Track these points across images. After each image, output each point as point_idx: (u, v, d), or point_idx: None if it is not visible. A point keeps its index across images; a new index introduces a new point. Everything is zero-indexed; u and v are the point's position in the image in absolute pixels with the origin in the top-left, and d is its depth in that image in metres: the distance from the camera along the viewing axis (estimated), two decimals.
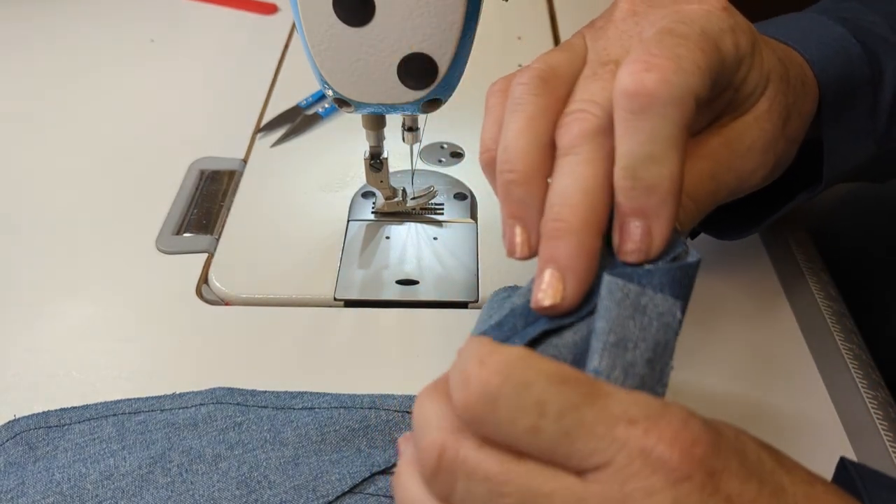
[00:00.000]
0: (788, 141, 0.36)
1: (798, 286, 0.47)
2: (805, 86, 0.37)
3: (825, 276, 0.49)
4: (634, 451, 0.23)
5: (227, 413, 0.38)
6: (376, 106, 0.42)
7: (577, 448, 0.23)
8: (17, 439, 0.37)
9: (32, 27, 0.73)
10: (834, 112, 0.38)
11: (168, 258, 0.49)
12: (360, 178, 0.54)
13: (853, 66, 0.38)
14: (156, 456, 0.36)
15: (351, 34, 0.39)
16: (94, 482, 0.35)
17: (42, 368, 0.42)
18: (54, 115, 0.62)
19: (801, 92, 0.36)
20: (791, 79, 0.35)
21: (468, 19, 0.39)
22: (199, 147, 0.58)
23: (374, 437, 0.37)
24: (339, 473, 0.36)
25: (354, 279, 0.47)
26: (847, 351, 0.43)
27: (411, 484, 0.27)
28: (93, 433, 0.38)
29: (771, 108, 0.34)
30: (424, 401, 0.27)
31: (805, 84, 0.37)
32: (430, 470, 0.25)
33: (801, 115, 0.36)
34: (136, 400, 0.39)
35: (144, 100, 0.63)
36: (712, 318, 0.45)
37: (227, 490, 0.35)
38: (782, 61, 0.35)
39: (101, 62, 0.68)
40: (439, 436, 0.25)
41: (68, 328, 0.44)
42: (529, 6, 0.76)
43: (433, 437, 0.25)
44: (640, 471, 0.23)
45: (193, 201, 0.53)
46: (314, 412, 0.38)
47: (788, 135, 0.36)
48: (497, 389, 0.24)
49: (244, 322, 0.44)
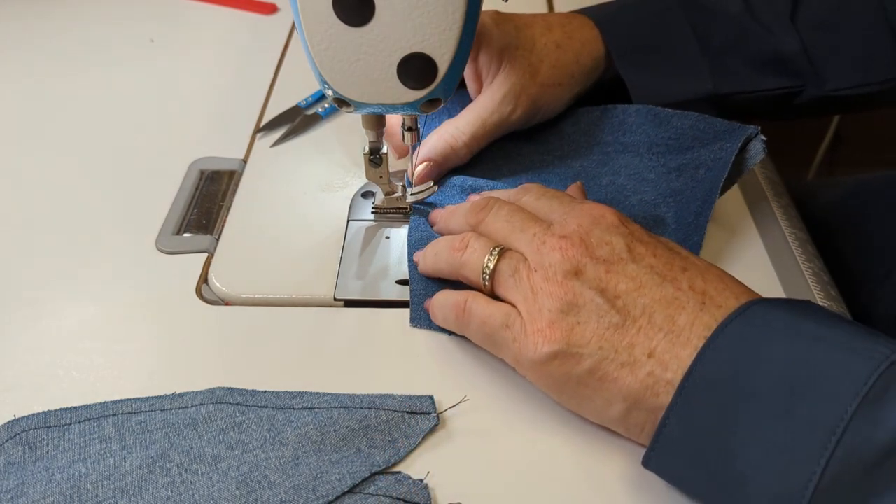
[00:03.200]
0: (542, 86, 0.52)
1: (798, 286, 0.47)
2: (560, 48, 0.53)
3: (825, 277, 0.49)
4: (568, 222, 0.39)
5: (226, 413, 0.38)
6: (376, 106, 0.42)
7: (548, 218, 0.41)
8: (17, 439, 0.37)
9: (32, 27, 0.73)
10: (632, 60, 0.54)
11: (168, 258, 0.49)
12: (360, 179, 0.54)
13: (666, 29, 0.54)
14: (156, 456, 0.36)
15: (351, 34, 0.39)
16: (94, 482, 0.35)
17: (42, 368, 0.42)
18: (54, 114, 0.62)
19: (550, 53, 0.53)
20: (538, 50, 0.52)
21: (468, 19, 0.39)
22: (199, 147, 0.58)
23: (374, 438, 0.37)
24: (339, 473, 0.36)
25: (354, 279, 0.47)
26: None
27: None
28: (93, 433, 0.38)
29: (509, 73, 0.51)
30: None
31: (561, 46, 0.53)
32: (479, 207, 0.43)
33: (555, 67, 0.53)
34: (136, 400, 0.39)
35: (144, 100, 0.63)
36: None
37: (226, 490, 0.35)
38: (522, 46, 0.52)
39: (101, 62, 0.68)
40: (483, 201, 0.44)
41: (68, 328, 0.44)
42: (529, 6, 0.76)
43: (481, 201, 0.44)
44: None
45: (193, 201, 0.53)
46: (314, 412, 0.38)
47: (541, 82, 0.52)
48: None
49: (244, 322, 0.44)
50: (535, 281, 0.37)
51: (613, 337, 0.35)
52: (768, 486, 0.30)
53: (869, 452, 0.28)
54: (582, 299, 0.36)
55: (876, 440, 0.28)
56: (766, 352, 0.32)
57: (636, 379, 0.34)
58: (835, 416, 0.29)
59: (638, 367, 0.34)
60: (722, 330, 0.33)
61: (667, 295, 0.35)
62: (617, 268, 0.36)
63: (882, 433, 0.28)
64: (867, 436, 0.28)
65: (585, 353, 0.35)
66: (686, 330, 0.34)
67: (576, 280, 0.36)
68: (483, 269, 0.40)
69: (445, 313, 0.42)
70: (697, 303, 0.35)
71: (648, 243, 0.38)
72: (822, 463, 0.29)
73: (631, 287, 0.36)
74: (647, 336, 0.35)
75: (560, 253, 0.37)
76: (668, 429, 0.33)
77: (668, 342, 0.34)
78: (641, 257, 0.37)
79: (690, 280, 0.36)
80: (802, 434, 0.30)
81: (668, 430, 0.33)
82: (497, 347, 0.39)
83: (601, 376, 0.35)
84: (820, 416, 0.29)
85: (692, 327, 0.34)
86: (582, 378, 0.36)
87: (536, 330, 0.36)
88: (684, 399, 0.33)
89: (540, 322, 0.36)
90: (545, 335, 0.36)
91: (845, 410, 0.29)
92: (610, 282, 0.36)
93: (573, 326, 0.36)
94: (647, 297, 0.36)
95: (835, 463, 0.29)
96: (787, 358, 0.31)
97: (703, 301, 0.35)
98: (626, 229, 0.38)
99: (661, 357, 0.34)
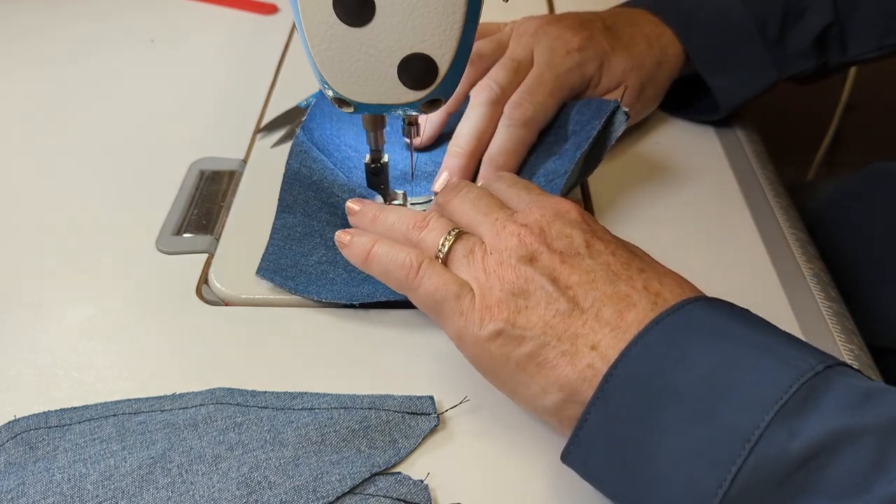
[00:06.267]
0: (644, 102, 0.57)
1: (798, 286, 0.47)
2: (661, 64, 0.57)
3: (825, 277, 0.49)
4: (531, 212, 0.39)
5: (227, 413, 0.38)
6: (376, 106, 0.42)
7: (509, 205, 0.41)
8: (17, 439, 0.37)
9: (32, 27, 0.73)
10: (712, 66, 0.57)
11: (168, 258, 0.49)
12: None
13: (734, 29, 0.57)
14: (156, 456, 0.36)
15: (351, 34, 0.39)
16: (95, 482, 0.35)
17: (42, 368, 0.42)
18: (54, 115, 0.62)
19: (654, 71, 0.56)
20: (645, 65, 0.56)
21: (468, 19, 0.39)
22: (199, 147, 0.58)
23: (374, 438, 0.37)
24: (340, 474, 0.36)
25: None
26: (847, 352, 0.43)
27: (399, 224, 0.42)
28: (93, 433, 0.38)
29: (625, 90, 0.55)
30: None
31: (662, 63, 0.57)
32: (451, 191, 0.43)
33: (655, 84, 0.57)
34: (136, 400, 0.39)
35: (144, 100, 0.63)
36: None
37: (227, 490, 0.35)
38: (633, 57, 0.55)
39: (101, 62, 0.68)
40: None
41: (68, 328, 0.44)
42: (529, 6, 0.75)
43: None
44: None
45: (193, 201, 0.53)
46: (314, 413, 0.38)
47: (644, 99, 0.57)
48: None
49: (244, 322, 0.44)
50: (489, 263, 0.37)
51: (559, 325, 0.35)
52: (677, 491, 0.30)
53: (782, 463, 0.28)
54: (532, 285, 0.36)
55: (790, 450, 0.28)
56: (691, 351, 0.31)
57: (575, 369, 0.34)
58: (751, 423, 0.29)
59: (579, 357, 0.34)
60: (652, 326, 0.33)
61: (619, 292, 0.35)
62: (572, 261, 0.36)
63: (797, 443, 0.28)
64: (782, 446, 0.28)
65: (528, 335, 0.35)
66: (633, 327, 0.34)
67: (528, 266, 0.36)
68: (439, 249, 0.39)
69: (388, 267, 0.40)
70: (649, 302, 0.34)
71: (609, 242, 0.38)
72: (734, 470, 0.28)
73: (584, 280, 0.36)
74: (593, 329, 0.34)
75: (517, 239, 0.37)
76: (587, 423, 0.33)
77: (613, 337, 0.34)
78: (599, 254, 0.37)
79: (646, 281, 0.35)
80: (717, 439, 0.29)
81: (588, 425, 0.33)
82: (442, 317, 0.38)
83: (540, 362, 0.35)
84: (736, 421, 0.29)
85: (640, 325, 0.34)
86: (521, 361, 0.35)
87: (485, 306, 0.36)
88: (606, 393, 0.32)
89: (489, 299, 0.36)
90: (492, 313, 0.36)
91: (762, 418, 0.29)
92: (563, 272, 0.36)
93: (521, 309, 0.35)
94: (598, 290, 0.35)
95: (746, 471, 0.28)
96: (713, 360, 0.31)
97: (656, 302, 0.34)
98: (587, 226, 0.38)
99: (603, 351, 0.34)
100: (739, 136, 0.60)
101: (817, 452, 0.28)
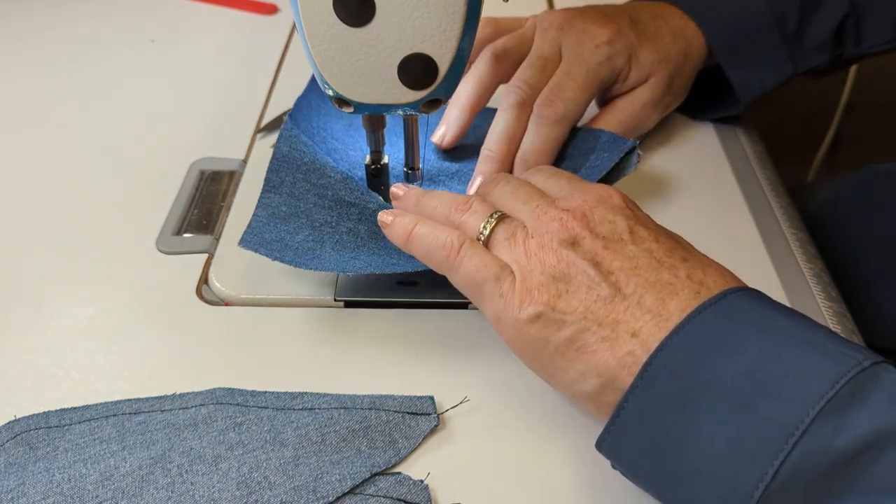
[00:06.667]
0: (673, 95, 0.57)
1: (798, 286, 0.47)
2: (688, 56, 0.56)
3: (825, 277, 0.49)
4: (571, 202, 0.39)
5: (227, 413, 0.38)
6: (376, 106, 0.42)
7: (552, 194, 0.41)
8: (17, 439, 0.37)
9: (32, 27, 0.73)
10: (733, 59, 0.57)
11: (168, 258, 0.49)
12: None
13: (753, 22, 0.57)
14: (156, 456, 0.36)
15: (351, 34, 0.39)
16: (95, 483, 0.35)
17: (42, 368, 0.42)
18: (53, 114, 0.62)
19: (682, 63, 0.56)
20: (672, 57, 0.55)
21: (468, 19, 0.39)
22: (199, 147, 0.58)
23: (375, 438, 0.37)
24: (340, 474, 0.36)
25: (355, 280, 0.47)
26: None
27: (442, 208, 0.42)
28: (93, 433, 0.38)
29: (654, 83, 0.55)
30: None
31: (688, 55, 0.56)
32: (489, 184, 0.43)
33: (683, 76, 0.57)
34: (136, 400, 0.39)
35: (144, 100, 0.63)
36: None
37: (227, 491, 0.35)
38: (660, 50, 0.55)
39: (101, 62, 0.68)
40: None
41: (68, 328, 0.44)
42: (529, 6, 0.75)
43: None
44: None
45: (193, 201, 0.53)
46: (314, 413, 0.38)
47: (674, 92, 0.57)
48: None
49: (244, 322, 0.44)
50: (530, 246, 0.37)
51: (600, 310, 0.34)
52: (715, 483, 0.29)
53: (826, 459, 0.28)
54: (574, 269, 0.35)
55: (835, 447, 0.28)
56: (735, 342, 0.31)
57: (615, 356, 0.34)
58: (796, 418, 0.28)
59: (619, 344, 0.34)
60: (694, 316, 0.33)
61: (661, 279, 0.35)
62: (615, 246, 0.36)
63: (842, 440, 0.28)
64: (826, 442, 0.28)
65: (568, 320, 0.35)
66: (675, 316, 0.33)
67: (570, 250, 0.36)
68: (480, 231, 0.39)
69: (429, 247, 0.39)
70: (692, 291, 0.34)
71: (652, 229, 0.37)
72: (776, 464, 0.28)
73: (626, 266, 0.35)
74: (634, 316, 0.34)
75: (559, 223, 0.37)
76: (625, 411, 0.32)
77: (654, 325, 0.33)
78: (642, 240, 0.36)
79: (689, 270, 0.35)
80: (759, 432, 0.29)
81: (626, 413, 0.32)
82: (481, 299, 0.38)
83: (580, 346, 0.35)
84: (781, 415, 0.29)
85: (682, 314, 0.33)
86: (560, 346, 0.35)
87: (525, 289, 0.36)
88: (646, 381, 0.32)
89: (530, 282, 0.36)
90: (532, 296, 0.36)
91: (807, 413, 0.28)
92: (605, 257, 0.36)
93: (561, 293, 0.35)
94: (641, 277, 0.35)
95: (789, 466, 0.28)
96: (756, 351, 0.31)
97: (699, 291, 0.34)
98: (630, 213, 0.38)
99: (644, 339, 0.33)
100: (740, 136, 0.60)
101: (863, 450, 0.27)
